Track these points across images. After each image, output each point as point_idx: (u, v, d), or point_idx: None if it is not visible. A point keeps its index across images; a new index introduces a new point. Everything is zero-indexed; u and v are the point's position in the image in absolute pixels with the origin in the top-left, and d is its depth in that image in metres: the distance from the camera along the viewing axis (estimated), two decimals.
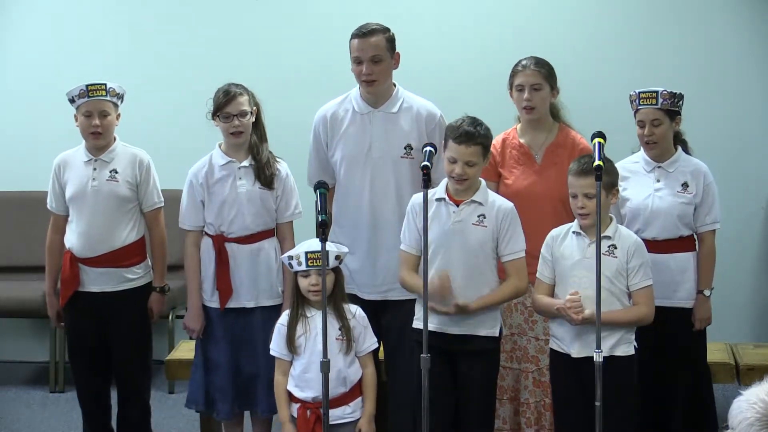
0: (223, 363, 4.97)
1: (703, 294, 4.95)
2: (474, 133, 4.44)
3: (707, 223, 4.96)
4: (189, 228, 5.04)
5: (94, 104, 5.04)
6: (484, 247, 4.51)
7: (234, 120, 4.92)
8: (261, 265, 4.96)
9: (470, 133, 4.44)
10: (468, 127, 4.45)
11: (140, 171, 5.11)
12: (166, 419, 5.91)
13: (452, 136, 4.47)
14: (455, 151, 4.45)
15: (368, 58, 4.87)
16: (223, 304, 4.96)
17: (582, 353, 4.41)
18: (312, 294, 4.50)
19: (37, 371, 6.89)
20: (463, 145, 4.44)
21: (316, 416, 4.46)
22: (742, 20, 6.66)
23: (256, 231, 4.96)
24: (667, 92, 4.89)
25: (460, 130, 4.45)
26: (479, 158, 4.47)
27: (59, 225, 5.16)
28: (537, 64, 4.96)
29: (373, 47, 4.88)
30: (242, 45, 6.87)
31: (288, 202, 5.00)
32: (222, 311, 4.96)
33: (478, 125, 4.48)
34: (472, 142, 4.44)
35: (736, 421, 2.83)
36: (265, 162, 4.95)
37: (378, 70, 4.89)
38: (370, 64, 4.88)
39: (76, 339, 5.18)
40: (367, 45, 4.88)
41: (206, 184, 4.98)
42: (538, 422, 4.95)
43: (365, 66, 4.88)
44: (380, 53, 4.89)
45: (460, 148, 4.44)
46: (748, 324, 6.69)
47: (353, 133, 4.99)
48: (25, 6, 7.06)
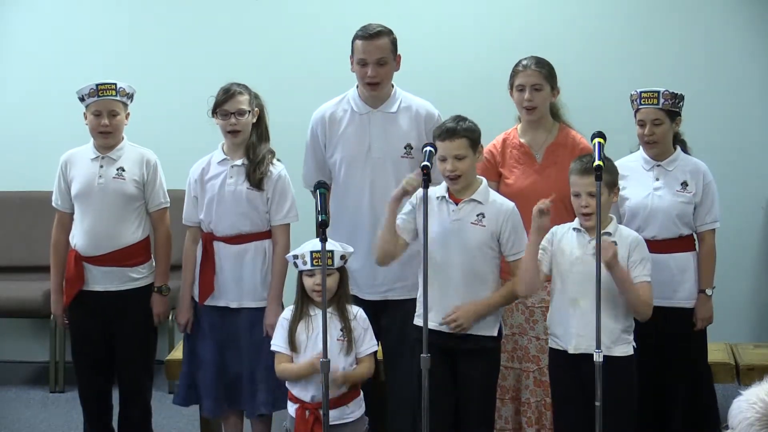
0: (208, 359, 4.99)
1: (705, 293, 4.95)
2: (455, 127, 4.49)
3: (707, 223, 4.96)
4: (187, 224, 5.07)
5: (104, 103, 5.05)
6: (483, 247, 4.51)
7: (231, 118, 4.93)
8: (246, 266, 4.96)
9: (451, 128, 4.49)
10: (450, 123, 4.53)
11: (147, 170, 5.11)
12: (166, 419, 5.91)
13: (436, 135, 4.54)
14: (442, 149, 4.50)
15: (374, 60, 4.87)
16: (202, 300, 4.98)
17: (579, 349, 4.40)
18: (316, 294, 4.50)
19: (37, 371, 6.89)
20: (447, 141, 4.48)
21: (314, 417, 4.45)
22: (742, 20, 6.66)
23: (244, 232, 4.95)
24: (668, 92, 4.89)
25: (442, 127, 4.53)
26: (467, 151, 4.49)
27: (64, 223, 5.16)
28: (538, 64, 4.96)
29: (378, 50, 4.87)
30: (243, 45, 6.87)
31: (279, 205, 4.97)
32: (209, 308, 4.97)
33: (460, 121, 4.53)
34: (455, 135, 4.48)
35: (736, 421, 2.83)
36: (257, 162, 4.95)
37: (383, 73, 4.90)
38: (375, 66, 4.88)
39: (80, 338, 5.18)
40: (373, 47, 4.87)
41: (200, 180, 5.00)
42: (539, 422, 4.95)
43: (370, 69, 4.88)
44: (385, 56, 4.89)
45: (444, 144, 4.49)
46: (748, 324, 6.69)
47: (352, 133, 4.99)
48: (25, 6, 7.06)
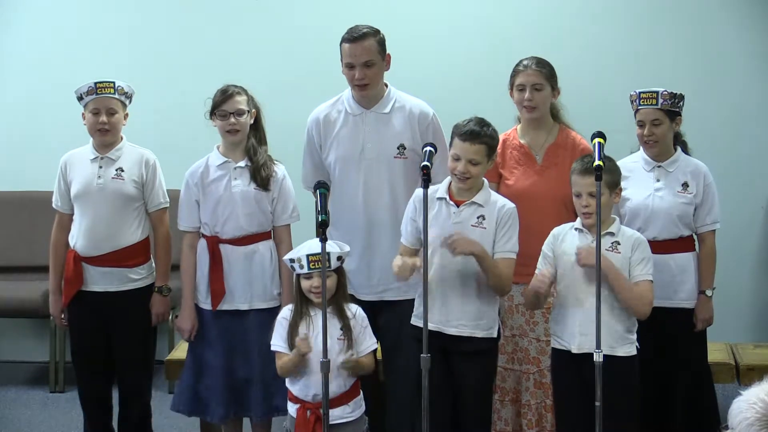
0: (217, 366, 4.96)
1: (705, 294, 4.95)
2: (479, 132, 4.48)
3: (707, 223, 4.96)
4: (185, 229, 5.05)
5: (102, 101, 5.05)
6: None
7: (230, 118, 4.93)
8: (255, 267, 4.96)
9: (475, 131, 4.47)
10: (474, 126, 4.50)
11: (146, 170, 5.11)
12: (166, 419, 5.89)
13: (458, 133, 4.51)
14: (459, 148, 4.48)
15: (361, 63, 4.86)
16: (215, 305, 4.96)
17: (583, 349, 4.40)
18: (314, 295, 4.50)
19: (37, 371, 6.89)
20: (467, 143, 4.47)
21: (315, 416, 4.45)
22: (742, 20, 6.66)
23: (251, 233, 4.96)
24: (667, 92, 4.89)
25: (466, 128, 4.50)
26: (483, 158, 4.49)
27: (64, 223, 5.16)
28: (538, 64, 4.96)
29: (365, 52, 4.86)
30: (243, 46, 6.87)
31: (285, 205, 5.00)
32: (216, 313, 4.96)
33: (484, 126, 4.52)
34: (476, 140, 4.47)
35: (736, 421, 2.83)
36: (261, 163, 4.95)
37: (371, 74, 4.88)
38: (362, 68, 4.87)
39: (79, 339, 5.17)
40: (359, 50, 4.85)
41: (201, 184, 4.99)
42: (539, 424, 4.94)
43: (358, 71, 4.87)
44: (372, 57, 4.87)
45: (464, 145, 4.47)
46: (748, 324, 6.69)
47: (346, 134, 4.98)
48: (26, 6, 7.06)
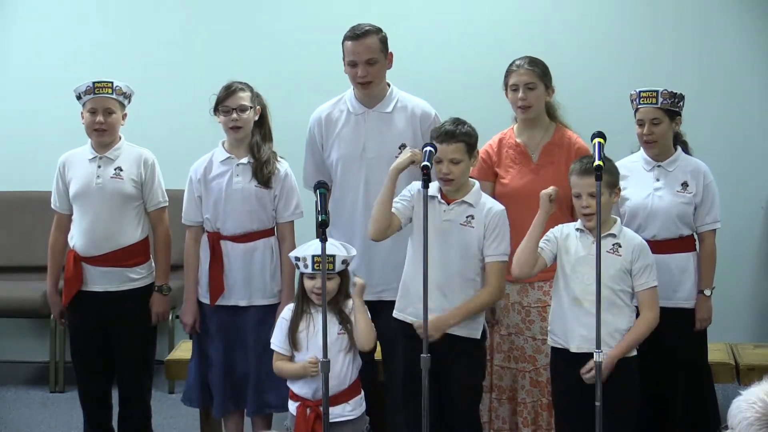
0: (216, 359, 4.98)
1: (704, 294, 4.95)
2: (454, 130, 4.51)
3: (707, 223, 4.96)
4: (188, 223, 5.07)
5: (100, 101, 5.06)
6: (470, 248, 4.52)
7: (233, 114, 4.94)
8: (255, 264, 4.97)
9: (450, 131, 4.51)
10: (449, 126, 4.54)
11: (145, 169, 5.12)
12: (167, 419, 5.91)
13: (434, 136, 4.55)
14: (439, 151, 4.50)
15: (363, 60, 4.87)
16: (213, 301, 4.98)
17: (582, 349, 4.40)
18: (315, 296, 4.52)
19: (37, 371, 6.89)
20: (444, 144, 4.50)
21: (315, 414, 4.46)
22: (742, 20, 6.66)
23: (252, 230, 4.97)
24: (667, 92, 4.89)
25: (440, 129, 4.55)
26: (463, 155, 4.51)
27: (63, 224, 5.17)
28: (530, 63, 4.96)
29: (367, 50, 4.87)
30: (243, 45, 6.87)
31: (287, 202, 5.00)
32: (216, 308, 4.97)
33: (459, 124, 4.55)
34: (453, 139, 4.49)
35: (736, 421, 2.83)
36: (264, 161, 4.96)
37: (373, 72, 4.89)
38: (364, 66, 4.87)
39: (79, 339, 5.18)
40: (362, 47, 4.86)
41: (204, 179, 5.00)
42: (535, 422, 4.94)
43: (360, 69, 4.88)
44: (375, 55, 4.88)
45: (442, 146, 4.50)
46: (748, 324, 6.69)
47: (347, 133, 4.99)
48: (25, 6, 7.06)
